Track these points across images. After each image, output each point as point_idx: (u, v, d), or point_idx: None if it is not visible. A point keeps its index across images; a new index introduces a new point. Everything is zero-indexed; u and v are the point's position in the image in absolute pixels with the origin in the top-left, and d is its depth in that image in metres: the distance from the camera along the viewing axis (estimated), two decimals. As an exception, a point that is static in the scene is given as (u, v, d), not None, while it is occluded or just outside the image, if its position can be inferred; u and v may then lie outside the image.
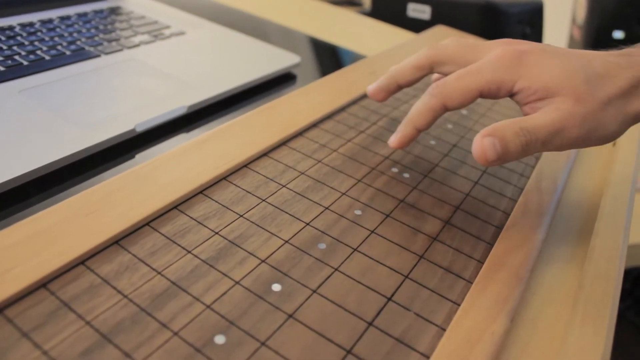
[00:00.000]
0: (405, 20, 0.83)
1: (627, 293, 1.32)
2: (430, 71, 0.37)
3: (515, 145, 0.30)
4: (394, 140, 0.36)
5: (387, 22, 0.78)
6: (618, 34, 0.96)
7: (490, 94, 0.33)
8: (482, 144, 0.30)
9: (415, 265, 0.30)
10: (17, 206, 0.32)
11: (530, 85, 0.32)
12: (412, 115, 0.35)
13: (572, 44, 1.08)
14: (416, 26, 0.81)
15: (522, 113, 0.33)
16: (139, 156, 0.38)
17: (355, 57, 0.64)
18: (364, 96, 0.47)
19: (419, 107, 0.34)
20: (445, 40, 0.37)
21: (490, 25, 0.79)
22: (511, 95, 0.33)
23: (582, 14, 1.02)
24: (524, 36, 0.83)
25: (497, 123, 0.31)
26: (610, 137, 0.32)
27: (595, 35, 0.98)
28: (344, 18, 0.77)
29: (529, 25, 0.82)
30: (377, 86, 0.38)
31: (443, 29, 0.69)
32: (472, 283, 0.29)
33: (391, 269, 0.29)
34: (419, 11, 0.82)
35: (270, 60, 0.53)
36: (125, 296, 0.24)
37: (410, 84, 0.38)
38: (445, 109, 0.33)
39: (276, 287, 0.26)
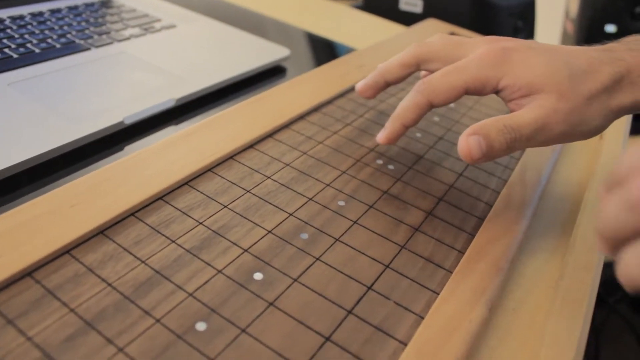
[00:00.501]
0: (397, 14, 0.83)
1: (620, 286, 1.33)
2: (417, 68, 0.37)
3: (500, 143, 0.31)
4: (381, 136, 0.37)
5: (380, 15, 0.78)
6: (610, 28, 0.97)
7: (475, 91, 0.33)
8: (467, 143, 0.31)
9: (396, 255, 0.30)
10: (5, 197, 0.32)
11: (514, 83, 0.32)
12: (399, 111, 0.35)
13: (565, 37, 1.09)
14: (408, 19, 0.81)
15: (508, 109, 0.34)
16: (128, 148, 0.39)
17: (346, 51, 0.64)
18: (351, 89, 0.47)
19: (406, 104, 0.35)
20: (432, 37, 0.37)
21: (482, 18, 0.79)
22: (496, 92, 0.33)
23: (574, 7, 1.02)
24: (516, 29, 0.83)
25: (482, 121, 0.31)
26: (594, 131, 0.32)
27: (588, 28, 0.98)
28: (336, 11, 0.78)
29: (521, 19, 0.83)
30: (365, 84, 0.39)
31: (434, 22, 0.69)
32: (452, 273, 0.30)
33: (372, 258, 0.29)
34: (411, 4, 0.82)
35: (260, 53, 0.53)
36: (109, 284, 0.25)
37: (397, 81, 0.38)
38: (431, 105, 0.34)
39: (258, 276, 0.27)
